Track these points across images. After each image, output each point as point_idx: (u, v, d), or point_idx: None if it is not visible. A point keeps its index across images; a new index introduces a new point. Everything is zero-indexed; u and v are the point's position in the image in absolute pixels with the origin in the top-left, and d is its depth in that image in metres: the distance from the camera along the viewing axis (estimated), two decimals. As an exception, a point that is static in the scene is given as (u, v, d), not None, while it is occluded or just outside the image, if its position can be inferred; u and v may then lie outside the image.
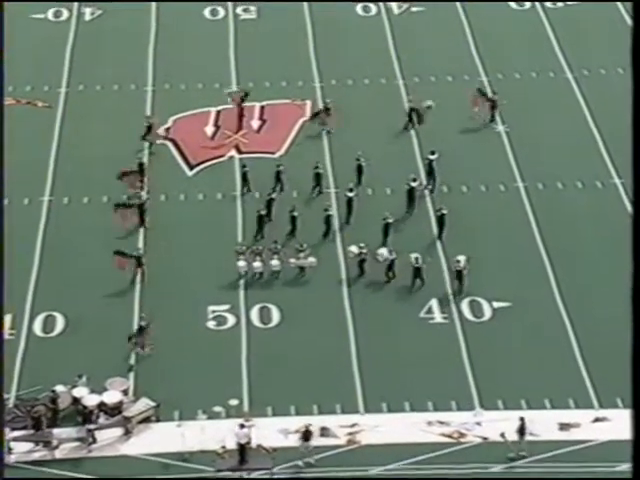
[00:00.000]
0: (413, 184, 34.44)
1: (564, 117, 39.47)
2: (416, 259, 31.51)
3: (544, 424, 27.01)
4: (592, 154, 37.52)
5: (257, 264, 31.95)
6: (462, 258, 31.51)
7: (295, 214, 33.40)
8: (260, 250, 32.30)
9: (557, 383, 28.60)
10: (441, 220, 33.31)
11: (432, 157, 35.40)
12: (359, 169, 35.55)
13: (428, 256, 32.22)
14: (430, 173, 35.31)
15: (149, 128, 37.80)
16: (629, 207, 34.27)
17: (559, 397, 28.15)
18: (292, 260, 32.04)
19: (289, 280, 32.14)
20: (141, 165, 35.72)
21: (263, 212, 33.70)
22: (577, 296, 31.52)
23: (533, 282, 32.21)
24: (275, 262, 31.97)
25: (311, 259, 32.04)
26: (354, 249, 32.18)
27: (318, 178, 35.16)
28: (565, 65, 42.10)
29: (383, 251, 32.00)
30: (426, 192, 35.15)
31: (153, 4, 45.54)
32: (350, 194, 34.30)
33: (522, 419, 26.34)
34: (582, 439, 26.84)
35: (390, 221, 33.02)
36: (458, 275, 31.41)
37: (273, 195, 34.12)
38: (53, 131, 38.60)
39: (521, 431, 26.25)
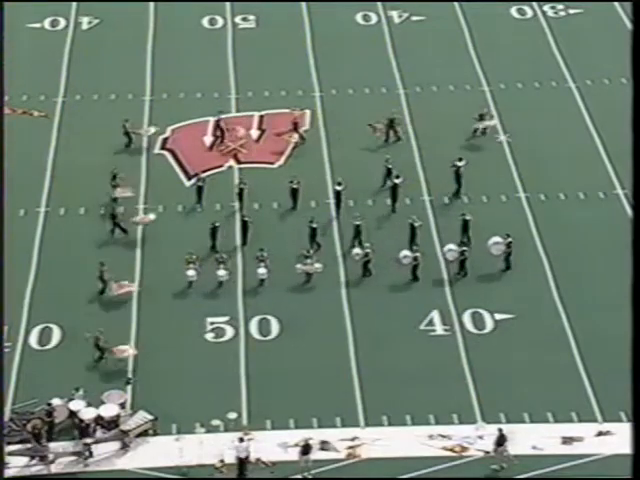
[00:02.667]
0: (396, 181, 35.01)
1: (566, 127, 39.60)
2: (462, 252, 32.47)
3: (547, 438, 27.07)
4: (595, 165, 37.61)
5: (221, 272, 32.19)
6: (499, 239, 32.66)
7: (314, 225, 33.36)
8: (224, 258, 32.45)
9: (560, 396, 28.63)
10: (465, 226, 33.55)
11: (459, 164, 35.65)
12: (388, 171, 35.79)
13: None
14: (457, 179, 35.61)
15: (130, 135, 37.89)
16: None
17: (562, 410, 28.17)
18: (299, 266, 32.30)
19: (288, 292, 32.19)
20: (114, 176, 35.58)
21: (217, 224, 33.57)
22: (580, 308, 31.55)
23: (535, 294, 32.27)
24: (262, 270, 32.21)
25: (317, 265, 32.37)
26: (358, 251, 32.46)
27: (294, 193, 35.08)
28: (568, 75, 42.25)
29: (407, 253, 32.52)
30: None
31: (151, 13, 45.73)
32: (338, 188, 34.86)
33: (500, 430, 26.44)
34: (586, 453, 26.86)
35: (416, 225, 33.41)
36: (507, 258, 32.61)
37: (247, 218, 33.69)
38: (49, 141, 38.69)
39: (499, 442, 26.31)
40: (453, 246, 32.87)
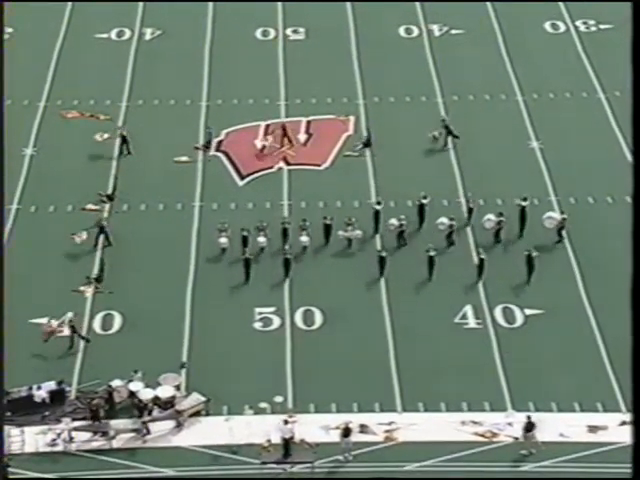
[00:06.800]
0: (424, 201, 34.29)
1: (596, 134, 39.22)
2: (499, 222, 33.01)
3: (573, 426, 26.87)
4: (622, 170, 37.10)
5: (261, 239, 32.81)
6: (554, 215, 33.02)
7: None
8: (264, 226, 32.85)
9: (586, 387, 28.39)
10: (530, 262, 32.08)
11: (524, 203, 34.18)
12: (471, 207, 34.53)
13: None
14: (522, 219, 33.95)
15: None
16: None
17: (588, 401, 27.94)
18: (340, 232, 32.93)
19: (331, 285, 32.16)
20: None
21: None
22: (606, 305, 31.21)
23: (564, 291, 32.00)
24: (304, 238, 32.76)
25: (357, 232, 32.88)
26: (394, 222, 32.93)
27: (328, 229, 33.47)
28: (598, 86, 41.85)
29: (444, 220, 32.80)
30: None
31: (209, 25, 45.99)
32: (377, 207, 34.12)
33: (528, 417, 26.30)
34: (609, 441, 26.60)
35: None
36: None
37: (288, 256, 31.92)
38: (114, 142, 38.92)
39: (528, 429, 26.14)
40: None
